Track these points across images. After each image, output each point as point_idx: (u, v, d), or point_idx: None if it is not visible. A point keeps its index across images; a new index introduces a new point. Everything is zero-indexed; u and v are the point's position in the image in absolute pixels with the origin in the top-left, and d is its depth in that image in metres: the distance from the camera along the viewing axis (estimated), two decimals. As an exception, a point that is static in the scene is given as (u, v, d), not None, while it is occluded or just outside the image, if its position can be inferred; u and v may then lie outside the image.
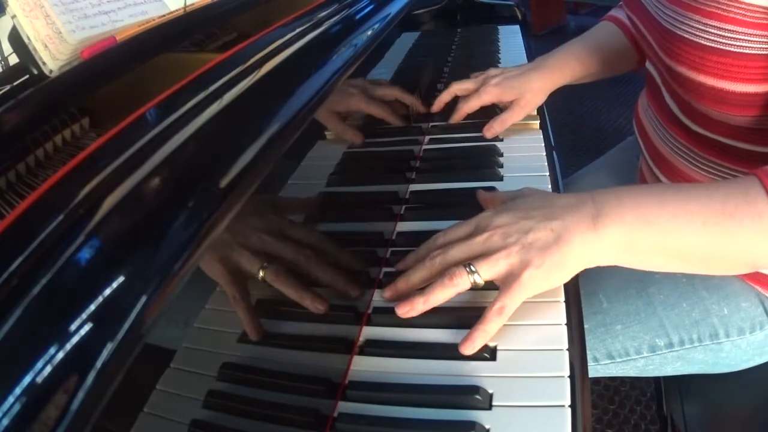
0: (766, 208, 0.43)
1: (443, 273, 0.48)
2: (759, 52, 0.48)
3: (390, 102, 0.74)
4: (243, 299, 0.38)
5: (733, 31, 0.48)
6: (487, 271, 0.47)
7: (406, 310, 0.48)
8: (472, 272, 0.47)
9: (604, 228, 0.46)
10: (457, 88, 0.81)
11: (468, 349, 0.45)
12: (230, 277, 0.37)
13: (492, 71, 0.81)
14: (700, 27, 0.50)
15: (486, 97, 0.79)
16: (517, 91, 0.78)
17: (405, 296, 0.49)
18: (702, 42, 0.50)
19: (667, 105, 0.65)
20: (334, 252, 0.50)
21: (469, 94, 0.80)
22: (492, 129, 0.78)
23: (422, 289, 0.49)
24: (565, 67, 0.81)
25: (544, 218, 0.47)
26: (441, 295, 0.47)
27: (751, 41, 0.47)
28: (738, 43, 0.48)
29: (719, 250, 0.45)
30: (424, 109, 0.82)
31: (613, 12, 0.85)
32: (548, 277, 0.46)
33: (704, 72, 0.51)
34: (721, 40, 0.49)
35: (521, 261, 0.46)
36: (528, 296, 0.47)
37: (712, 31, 0.49)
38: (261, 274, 0.39)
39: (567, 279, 0.48)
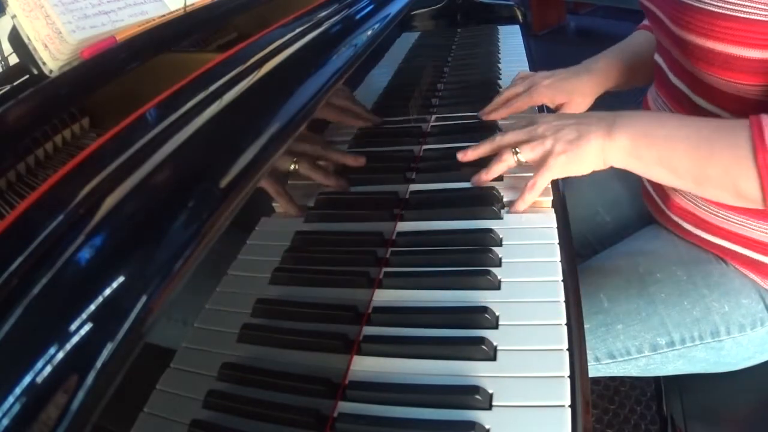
0: (746, 142, 0.50)
1: (498, 154, 0.65)
2: (765, 18, 0.49)
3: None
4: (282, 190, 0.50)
5: None
6: (527, 153, 0.62)
7: (481, 178, 0.66)
8: (516, 153, 0.63)
9: (615, 135, 0.58)
10: (509, 93, 0.82)
11: (513, 209, 0.63)
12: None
13: (540, 73, 0.82)
14: None
15: (537, 98, 0.80)
16: (567, 94, 0.79)
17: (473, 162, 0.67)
18: (710, 8, 0.52)
19: (675, 87, 0.66)
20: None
21: (519, 95, 0.81)
22: None
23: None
24: (612, 71, 0.82)
25: (575, 123, 0.61)
26: (496, 167, 0.65)
27: (758, 7, 0.49)
28: (746, 9, 0.50)
29: (702, 170, 0.54)
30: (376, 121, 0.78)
31: (646, 21, 0.86)
32: (568, 164, 0.60)
33: (713, 38, 0.53)
34: (728, 6, 0.51)
35: (551, 149, 0.60)
36: (554, 177, 0.61)
37: None
38: (293, 166, 0.50)
39: (584, 171, 0.60)
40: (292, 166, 0.49)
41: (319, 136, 0.57)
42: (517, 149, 0.62)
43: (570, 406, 0.41)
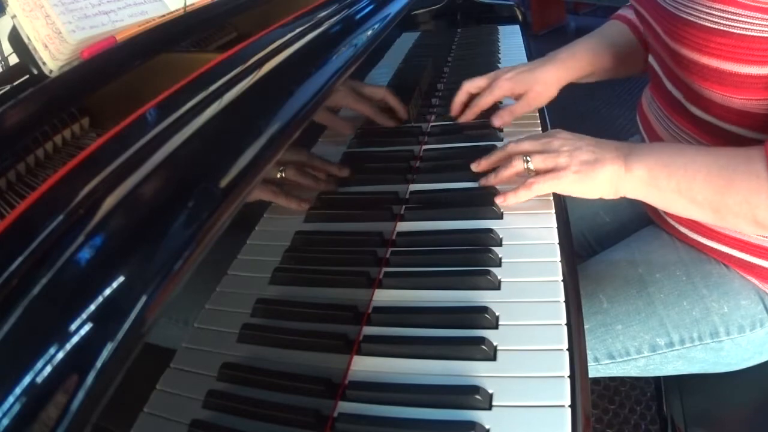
0: (763, 171, 0.50)
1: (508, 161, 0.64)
2: (761, 34, 0.49)
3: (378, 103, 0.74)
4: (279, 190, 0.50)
5: (735, 13, 0.49)
6: (538, 162, 0.62)
7: (488, 181, 0.66)
8: (527, 161, 0.62)
9: (632, 165, 0.57)
10: (470, 86, 0.81)
11: (498, 201, 0.63)
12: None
13: (504, 69, 0.82)
14: (704, 9, 0.51)
15: (498, 92, 0.79)
16: (527, 84, 0.79)
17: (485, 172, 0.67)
18: (706, 24, 0.51)
19: (670, 94, 0.66)
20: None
21: (482, 91, 0.80)
22: (501, 118, 0.79)
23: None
24: (577, 61, 0.81)
25: (592, 146, 0.61)
26: (504, 173, 0.64)
27: (754, 23, 0.49)
28: (741, 25, 0.49)
29: (721, 199, 0.53)
30: (406, 115, 0.80)
31: (621, 11, 0.85)
32: (577, 184, 0.59)
33: (708, 54, 0.53)
34: (724, 21, 0.50)
35: (564, 164, 0.60)
36: (558, 191, 0.61)
37: (716, 13, 0.50)
38: (280, 174, 0.50)
39: (592, 195, 0.60)
40: (279, 175, 0.49)
41: (303, 149, 0.57)
42: (527, 157, 0.62)
43: (570, 406, 0.42)
